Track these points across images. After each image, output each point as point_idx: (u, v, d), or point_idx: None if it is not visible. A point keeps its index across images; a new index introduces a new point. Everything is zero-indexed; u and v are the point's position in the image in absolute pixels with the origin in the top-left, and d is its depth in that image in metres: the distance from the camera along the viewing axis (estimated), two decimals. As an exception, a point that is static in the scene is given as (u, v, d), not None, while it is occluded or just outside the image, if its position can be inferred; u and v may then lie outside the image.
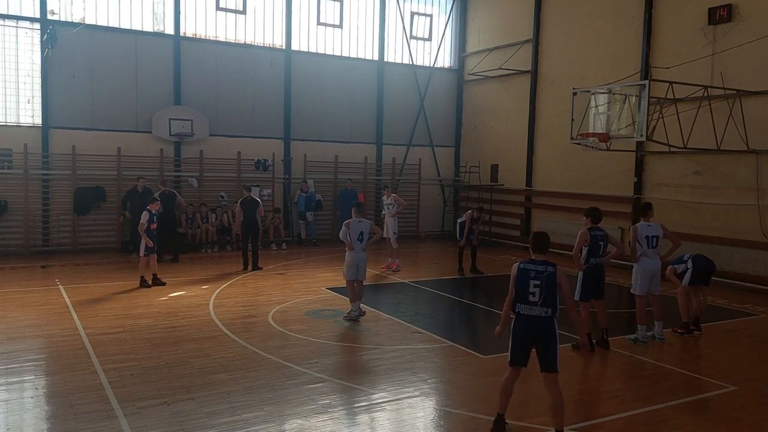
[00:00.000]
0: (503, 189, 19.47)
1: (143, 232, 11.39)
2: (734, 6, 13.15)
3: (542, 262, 5.62)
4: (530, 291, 5.51)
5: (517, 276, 5.61)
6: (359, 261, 9.51)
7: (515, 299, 5.63)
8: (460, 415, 6.14)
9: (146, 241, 11.39)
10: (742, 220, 13.11)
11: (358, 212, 9.64)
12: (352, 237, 9.45)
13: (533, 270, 5.55)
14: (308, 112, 18.63)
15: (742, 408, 6.49)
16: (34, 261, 14.24)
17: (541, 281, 5.50)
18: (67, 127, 15.55)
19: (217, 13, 17.41)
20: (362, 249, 9.51)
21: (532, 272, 5.54)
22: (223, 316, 9.58)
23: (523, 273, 5.57)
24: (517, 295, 5.61)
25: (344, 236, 9.57)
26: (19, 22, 15.09)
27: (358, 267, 9.51)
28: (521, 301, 5.59)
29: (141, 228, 11.40)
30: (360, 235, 9.44)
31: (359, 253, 9.49)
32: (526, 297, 5.55)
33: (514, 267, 5.68)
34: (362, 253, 9.53)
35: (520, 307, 5.60)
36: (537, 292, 5.50)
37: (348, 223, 9.56)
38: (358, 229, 9.45)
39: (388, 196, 14.66)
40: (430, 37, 20.90)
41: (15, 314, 9.51)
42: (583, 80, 15.23)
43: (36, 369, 7.32)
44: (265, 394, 6.51)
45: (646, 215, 8.94)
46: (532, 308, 5.54)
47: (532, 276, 5.52)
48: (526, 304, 5.56)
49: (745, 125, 12.55)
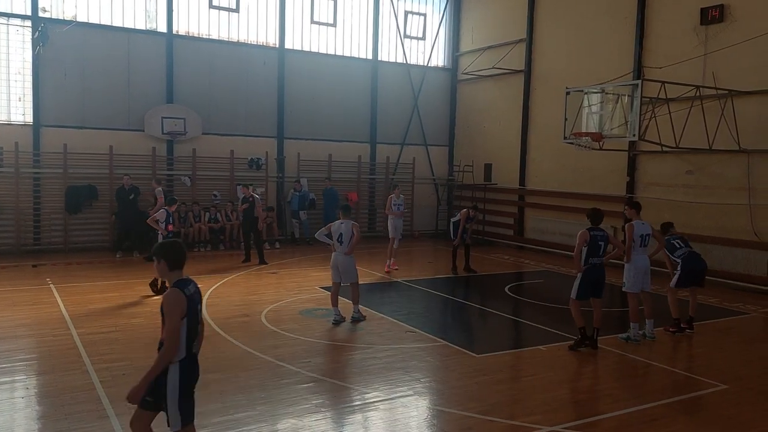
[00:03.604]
0: (497, 188, 19.50)
1: (156, 224, 10.93)
2: (726, 6, 13.22)
3: (600, 228, 8.23)
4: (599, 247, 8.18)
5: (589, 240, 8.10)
6: (338, 263, 9.34)
7: (589, 254, 8.11)
8: (454, 414, 6.14)
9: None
10: (734, 219, 13.18)
11: (344, 214, 9.52)
12: (333, 238, 9.39)
13: (599, 234, 8.16)
14: (302, 111, 18.60)
15: (734, 406, 6.53)
16: (25, 260, 14.15)
17: (604, 242, 8.18)
18: (59, 126, 15.46)
19: (210, 11, 17.35)
20: (343, 252, 9.30)
21: (599, 236, 8.14)
22: (215, 316, 9.54)
23: (593, 237, 8.11)
24: (591, 252, 8.09)
25: (319, 236, 9.59)
26: (10, 19, 14.98)
27: (338, 269, 9.37)
28: (594, 255, 8.14)
29: (152, 221, 10.96)
30: (339, 237, 9.34)
31: (338, 256, 9.33)
32: (597, 252, 8.17)
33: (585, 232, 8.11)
34: (341, 256, 9.29)
35: (593, 259, 8.17)
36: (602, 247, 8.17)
37: (330, 225, 9.52)
38: (338, 231, 9.38)
39: (398, 195, 14.55)
40: (424, 36, 20.90)
41: (6, 314, 9.44)
42: (576, 80, 15.27)
43: (27, 369, 7.27)
44: (258, 393, 6.49)
45: (639, 214, 9.03)
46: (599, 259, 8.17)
47: (599, 238, 8.13)
48: (596, 257, 8.18)
49: (736, 125, 12.62)
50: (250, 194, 14.47)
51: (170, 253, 4.22)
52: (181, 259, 4.24)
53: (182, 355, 4.12)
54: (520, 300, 11.72)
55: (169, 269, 4.21)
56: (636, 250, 8.79)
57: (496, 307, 10.95)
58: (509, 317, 10.44)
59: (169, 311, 4.04)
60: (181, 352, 4.11)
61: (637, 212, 9.06)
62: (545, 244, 17.49)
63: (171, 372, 4.09)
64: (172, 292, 4.08)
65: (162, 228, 11.02)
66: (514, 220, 18.89)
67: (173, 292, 4.08)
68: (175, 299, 4.06)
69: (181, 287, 4.13)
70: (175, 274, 4.20)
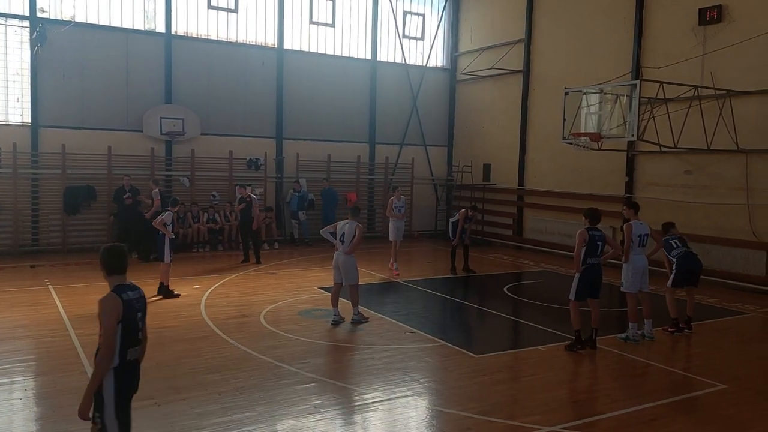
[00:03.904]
0: (495, 188, 19.51)
1: (163, 227, 10.72)
2: (724, 7, 13.24)
3: (598, 228, 8.24)
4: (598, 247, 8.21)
5: (588, 239, 8.10)
6: (339, 263, 9.39)
7: (587, 254, 8.09)
8: (453, 415, 6.14)
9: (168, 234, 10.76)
10: (732, 219, 13.19)
11: (352, 215, 9.66)
12: (336, 237, 9.46)
13: (597, 234, 8.16)
14: (301, 112, 18.59)
15: (733, 406, 6.53)
16: (24, 261, 14.13)
17: (602, 242, 8.19)
18: (57, 126, 15.44)
19: (209, 11, 17.34)
20: (343, 251, 9.36)
21: (597, 236, 8.14)
22: (214, 317, 9.53)
23: (592, 237, 8.11)
24: (589, 252, 8.09)
25: (324, 233, 9.74)
26: (8, 19, 14.96)
27: (338, 269, 9.42)
28: (591, 255, 8.13)
29: (159, 224, 10.69)
30: (342, 236, 9.40)
31: (339, 255, 9.39)
32: (595, 252, 8.14)
33: (584, 232, 8.11)
34: (342, 255, 9.36)
35: (591, 259, 8.15)
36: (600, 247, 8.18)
37: (336, 224, 9.66)
38: (341, 230, 9.44)
39: (399, 197, 14.52)
40: (423, 36, 20.90)
41: (4, 315, 9.43)
42: (574, 80, 15.28)
43: (25, 370, 7.26)
44: (257, 394, 6.48)
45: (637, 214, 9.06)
46: (597, 259, 8.20)
47: (597, 238, 8.14)
48: (594, 257, 8.18)
49: (734, 125, 12.63)
50: (248, 195, 14.51)
51: (106, 258, 4.20)
52: (117, 265, 4.19)
53: (116, 363, 4.04)
54: (519, 300, 11.72)
55: (107, 274, 4.18)
56: (634, 250, 8.80)
57: (495, 308, 10.94)
58: (508, 317, 10.44)
59: (103, 316, 4.01)
60: (115, 359, 4.04)
61: (635, 212, 9.08)
62: (544, 245, 17.50)
63: (105, 380, 4.01)
64: (108, 297, 4.06)
65: (169, 231, 10.91)
66: (512, 220, 18.90)
67: (108, 297, 4.06)
68: (110, 304, 4.02)
69: (118, 292, 4.09)
70: (114, 279, 4.17)
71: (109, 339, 3.99)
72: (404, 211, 14.60)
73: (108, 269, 4.19)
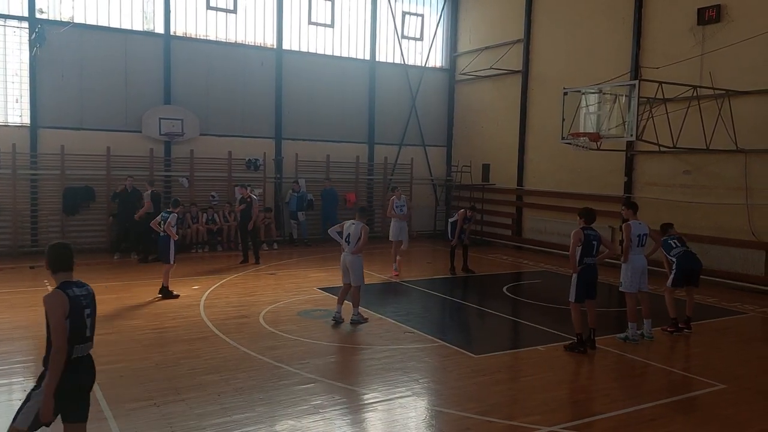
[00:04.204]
0: (494, 188, 19.51)
1: (168, 229, 10.78)
2: (723, 6, 13.25)
3: (593, 228, 8.25)
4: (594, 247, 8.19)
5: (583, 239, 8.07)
6: (346, 262, 9.44)
7: (583, 254, 8.07)
8: (452, 415, 6.14)
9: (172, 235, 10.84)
10: (731, 219, 13.20)
11: (359, 215, 9.72)
12: (343, 237, 9.50)
13: (592, 234, 8.16)
14: (299, 112, 18.59)
15: (732, 406, 6.54)
16: (23, 261, 14.11)
17: (597, 241, 8.20)
18: (56, 127, 15.42)
19: (208, 12, 17.34)
20: (349, 251, 9.40)
21: (592, 235, 8.14)
22: (213, 317, 9.53)
23: (587, 237, 8.09)
24: (585, 251, 8.06)
25: (332, 232, 9.79)
26: (7, 20, 14.95)
27: (346, 270, 9.46)
28: (588, 255, 8.12)
29: (167, 227, 10.75)
30: (347, 237, 9.44)
31: (346, 255, 9.43)
32: (591, 252, 8.15)
33: (579, 231, 8.08)
34: (349, 255, 9.40)
35: (587, 259, 8.16)
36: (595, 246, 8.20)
37: (343, 223, 9.71)
38: (347, 231, 9.48)
39: (399, 197, 14.46)
40: (422, 36, 20.90)
41: (3, 316, 9.42)
42: (573, 80, 15.29)
43: (24, 371, 7.24)
44: (257, 394, 6.49)
45: (636, 214, 9.06)
46: (593, 259, 8.20)
47: (592, 238, 8.13)
48: (590, 257, 8.18)
49: (733, 125, 12.64)
50: (248, 195, 14.52)
51: (52, 256, 4.20)
52: (62, 262, 4.19)
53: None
54: (519, 300, 11.73)
55: (53, 272, 4.19)
56: (633, 250, 8.81)
57: (495, 308, 10.95)
58: (507, 317, 10.45)
59: (49, 312, 4.01)
60: None
61: (634, 212, 9.09)
62: (543, 245, 17.50)
63: (47, 376, 4.01)
64: (52, 294, 4.06)
65: (174, 232, 10.96)
66: (512, 220, 18.90)
67: (53, 294, 4.06)
68: (55, 300, 4.03)
69: (63, 288, 4.09)
70: (59, 276, 4.18)
71: (58, 335, 3.98)
72: (406, 210, 14.43)
73: (53, 267, 4.19)
